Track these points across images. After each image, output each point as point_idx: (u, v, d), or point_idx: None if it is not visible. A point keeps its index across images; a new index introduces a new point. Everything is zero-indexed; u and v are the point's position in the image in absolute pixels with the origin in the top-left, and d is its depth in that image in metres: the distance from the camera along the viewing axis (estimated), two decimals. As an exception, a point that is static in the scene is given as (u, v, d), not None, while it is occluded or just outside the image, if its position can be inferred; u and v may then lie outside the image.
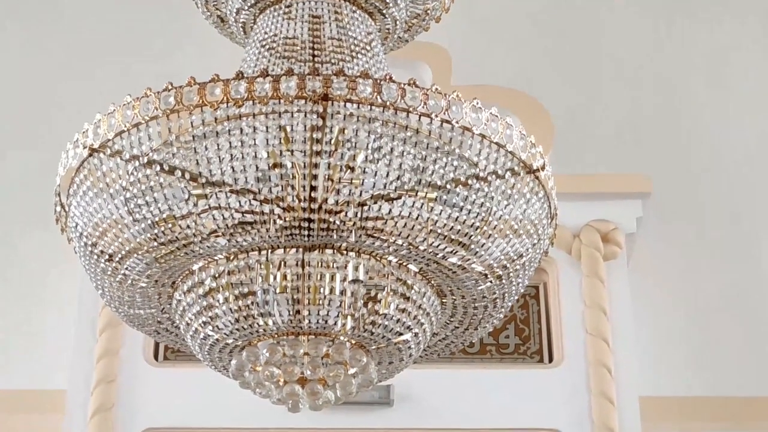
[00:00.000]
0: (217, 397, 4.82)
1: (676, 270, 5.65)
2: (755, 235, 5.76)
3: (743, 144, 5.92)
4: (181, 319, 2.42)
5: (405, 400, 4.83)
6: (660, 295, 5.56)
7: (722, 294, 5.61)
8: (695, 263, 5.65)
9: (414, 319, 2.37)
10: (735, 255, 5.69)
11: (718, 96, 5.99)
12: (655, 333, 5.45)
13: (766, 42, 6.12)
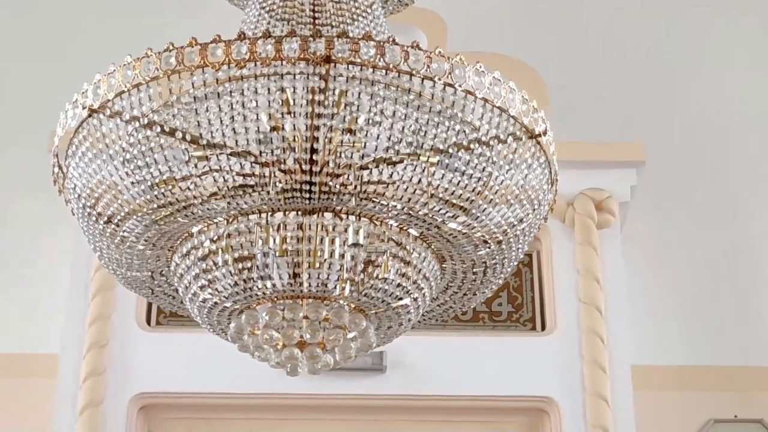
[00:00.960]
0: (209, 363, 4.84)
1: (669, 239, 5.65)
2: (748, 204, 5.76)
3: (738, 114, 5.92)
4: (179, 282, 2.40)
5: (398, 367, 4.84)
6: (653, 263, 5.57)
7: (715, 263, 5.62)
8: (688, 232, 5.66)
9: (414, 284, 2.35)
10: (728, 224, 5.71)
11: (713, 66, 5.98)
12: (648, 302, 5.46)
13: (759, 11, 6.09)
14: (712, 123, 5.90)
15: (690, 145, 5.83)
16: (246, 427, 4.89)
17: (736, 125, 5.89)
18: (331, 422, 4.90)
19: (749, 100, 5.95)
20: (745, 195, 5.79)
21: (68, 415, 4.73)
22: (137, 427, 4.80)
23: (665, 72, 5.97)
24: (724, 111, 5.92)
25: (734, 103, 5.94)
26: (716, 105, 5.93)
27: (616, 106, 5.84)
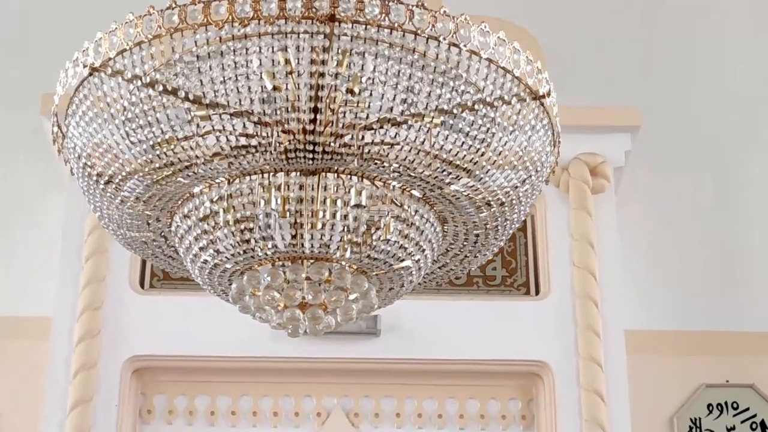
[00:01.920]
0: (203, 326, 4.83)
1: (663, 204, 5.66)
2: (741, 170, 5.77)
3: (732, 80, 5.91)
4: (180, 243, 2.39)
5: (392, 331, 4.84)
6: (647, 229, 5.58)
7: (708, 229, 5.63)
8: (682, 197, 5.67)
9: (416, 246, 2.35)
10: (721, 190, 5.71)
11: (708, 32, 5.97)
12: (642, 267, 5.47)
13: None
14: (705, 89, 5.90)
15: (684, 110, 5.83)
16: (240, 390, 4.89)
17: (729, 91, 5.89)
18: (325, 385, 4.90)
19: (742, 68, 5.94)
20: (738, 161, 5.79)
21: (62, 378, 4.72)
22: (131, 389, 4.80)
23: (660, 38, 5.96)
24: (718, 77, 5.92)
25: (728, 70, 5.94)
26: (710, 71, 5.93)
27: (611, 72, 5.82)
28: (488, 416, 4.89)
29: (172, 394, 4.89)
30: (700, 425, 5.26)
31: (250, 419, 4.87)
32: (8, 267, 5.37)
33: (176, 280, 5.01)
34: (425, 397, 4.91)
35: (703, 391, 5.31)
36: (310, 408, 4.90)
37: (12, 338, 5.14)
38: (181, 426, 4.85)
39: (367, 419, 4.89)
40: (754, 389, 5.32)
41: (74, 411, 4.64)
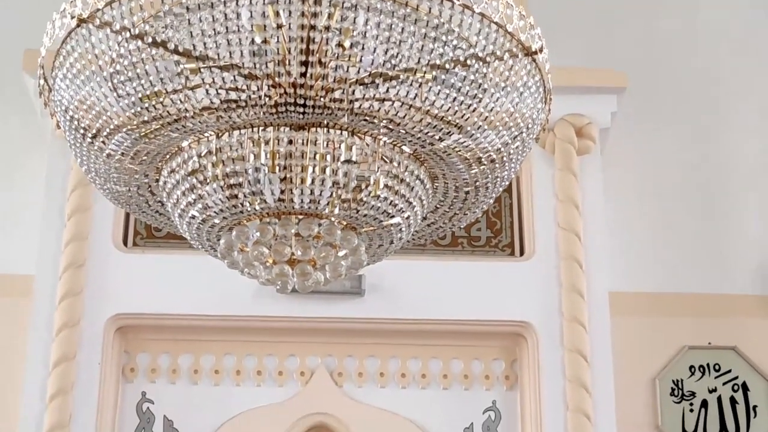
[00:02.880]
0: (186, 284, 4.82)
1: (648, 166, 5.66)
2: (726, 135, 5.77)
3: (717, 42, 5.90)
4: (168, 198, 2.37)
5: (376, 291, 4.83)
6: (632, 190, 5.58)
7: (692, 191, 5.64)
8: (667, 159, 5.67)
9: (406, 202, 2.33)
10: (706, 153, 5.72)
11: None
12: (626, 228, 5.48)
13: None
14: (689, 52, 5.89)
15: (669, 73, 5.82)
16: (223, 349, 4.88)
17: (712, 55, 5.88)
18: (309, 345, 4.90)
19: (725, 29, 5.93)
20: (723, 126, 5.79)
21: (44, 336, 4.70)
22: (114, 347, 4.78)
23: (646, 1, 5.94)
24: (701, 40, 5.91)
25: (710, 32, 5.92)
26: (694, 34, 5.92)
27: (599, 32, 5.81)
28: (472, 376, 4.90)
29: (155, 353, 4.88)
30: (682, 386, 5.28)
31: (233, 378, 4.86)
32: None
33: (159, 239, 5.00)
34: (409, 357, 4.92)
35: (685, 352, 5.33)
36: (293, 367, 4.89)
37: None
38: (164, 384, 4.84)
39: (350, 379, 4.89)
40: (736, 351, 5.34)
41: (57, 368, 4.63)
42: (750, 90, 5.86)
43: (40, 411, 4.59)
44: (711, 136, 5.76)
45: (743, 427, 5.24)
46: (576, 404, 4.68)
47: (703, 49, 5.90)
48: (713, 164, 5.71)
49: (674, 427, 5.22)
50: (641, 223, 5.56)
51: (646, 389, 5.26)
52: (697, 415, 5.25)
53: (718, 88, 5.84)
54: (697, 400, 5.27)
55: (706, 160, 5.71)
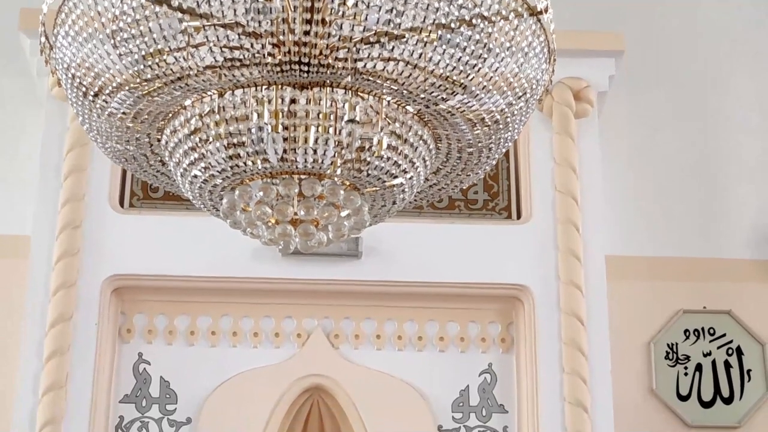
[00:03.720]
0: (183, 246, 4.82)
1: (646, 130, 5.66)
2: (722, 98, 5.77)
3: (716, 7, 5.88)
4: (170, 158, 2.35)
5: (373, 253, 4.83)
6: (629, 154, 5.59)
7: (689, 155, 5.64)
8: (664, 123, 5.67)
9: (409, 163, 2.32)
10: (703, 117, 5.72)
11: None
12: (623, 192, 5.48)
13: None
14: (689, 15, 5.87)
15: (667, 36, 5.80)
16: (220, 310, 4.88)
17: (711, 19, 5.87)
18: (306, 307, 4.90)
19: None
20: (720, 89, 5.79)
21: (41, 296, 4.70)
22: (110, 308, 4.78)
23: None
24: (701, 4, 5.89)
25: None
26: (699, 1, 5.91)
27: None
28: (468, 339, 4.91)
29: (152, 314, 4.88)
30: (677, 350, 5.30)
31: (230, 339, 4.87)
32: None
33: (156, 200, 4.99)
34: (405, 320, 4.92)
35: (680, 316, 5.35)
36: (290, 329, 4.90)
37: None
38: (160, 345, 4.85)
39: (347, 341, 4.89)
40: (731, 315, 5.36)
41: (54, 329, 4.63)
42: (746, 53, 5.84)
43: (37, 371, 4.59)
44: (708, 101, 5.76)
45: (737, 391, 5.26)
46: (572, 367, 4.69)
47: (702, 13, 5.88)
48: (710, 129, 5.71)
49: (668, 391, 5.24)
50: (638, 187, 5.56)
51: (640, 353, 5.29)
52: (691, 378, 5.27)
53: (716, 52, 5.83)
54: (691, 364, 5.30)
55: (703, 124, 5.71)
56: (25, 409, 4.57)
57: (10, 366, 4.74)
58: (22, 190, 5.13)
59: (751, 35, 5.86)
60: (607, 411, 4.70)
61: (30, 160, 5.09)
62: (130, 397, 4.78)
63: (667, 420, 5.20)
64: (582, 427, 4.63)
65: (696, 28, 5.85)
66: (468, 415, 4.81)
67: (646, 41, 5.70)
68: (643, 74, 5.66)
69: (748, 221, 5.53)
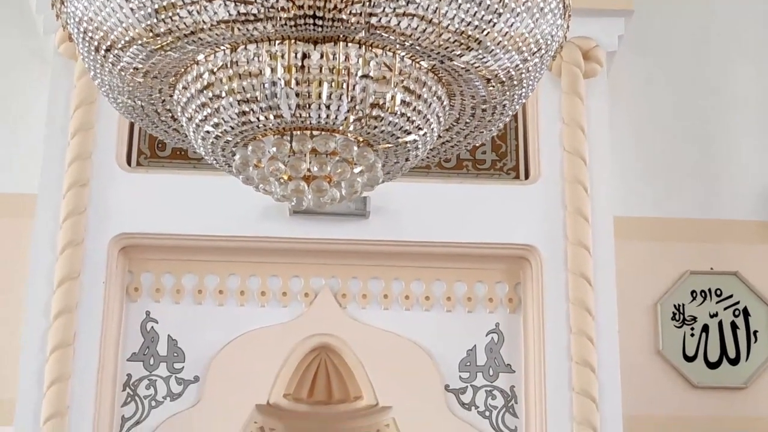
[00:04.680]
0: (190, 204, 4.82)
1: (654, 90, 5.63)
2: (731, 58, 5.74)
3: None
4: (182, 113, 2.34)
5: (381, 213, 4.82)
6: (638, 114, 5.56)
7: (698, 116, 5.62)
8: (673, 83, 5.64)
9: (423, 119, 2.31)
10: (713, 77, 5.69)
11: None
12: (631, 153, 5.46)
13: None
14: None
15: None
16: (227, 269, 4.88)
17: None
18: (313, 266, 4.89)
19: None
20: (729, 49, 5.76)
21: (48, 255, 4.70)
22: (117, 267, 4.77)
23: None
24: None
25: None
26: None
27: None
28: (475, 299, 4.91)
29: (159, 273, 4.87)
30: (684, 311, 5.31)
31: (237, 298, 4.87)
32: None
33: (164, 158, 4.98)
34: (413, 279, 4.92)
35: (687, 278, 5.34)
36: (297, 288, 4.90)
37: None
38: (168, 304, 4.84)
39: (354, 300, 4.89)
40: (738, 277, 5.36)
41: (61, 287, 4.63)
42: (755, 14, 5.81)
43: (45, 330, 4.60)
44: (717, 61, 5.72)
45: (743, 352, 5.27)
46: (579, 327, 4.70)
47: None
48: (717, 90, 5.68)
49: (675, 351, 5.25)
50: (645, 147, 5.54)
51: (647, 314, 5.29)
52: (697, 339, 5.28)
53: (725, 13, 5.79)
54: (698, 325, 5.30)
55: (709, 85, 5.69)
56: (33, 367, 4.57)
57: (18, 325, 4.74)
58: (28, 149, 5.12)
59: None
60: (613, 371, 4.71)
61: (36, 118, 5.07)
62: (137, 355, 4.78)
63: (673, 380, 5.21)
64: (588, 387, 4.64)
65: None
66: (475, 374, 4.82)
67: (656, 1, 5.65)
68: (652, 34, 5.63)
69: (756, 183, 5.51)
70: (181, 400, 4.74)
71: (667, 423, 5.14)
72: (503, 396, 4.81)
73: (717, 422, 5.15)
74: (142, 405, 4.72)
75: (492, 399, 4.79)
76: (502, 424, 4.77)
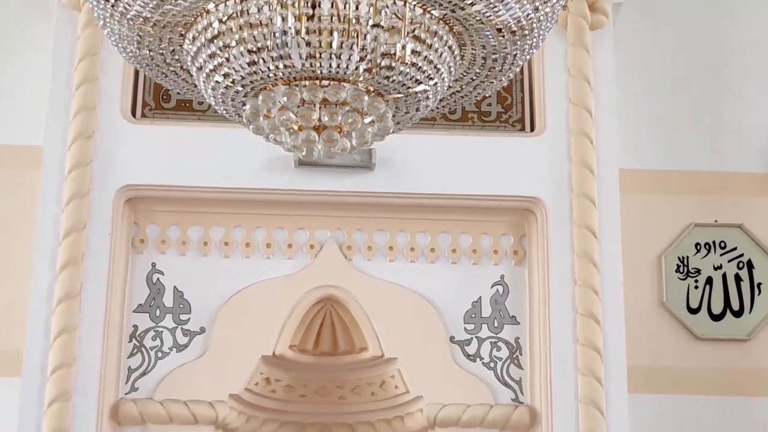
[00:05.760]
0: (196, 156, 4.82)
1: (659, 42, 5.61)
2: (739, 9, 5.71)
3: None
4: (192, 63, 2.33)
5: (386, 165, 4.82)
6: (644, 67, 5.54)
7: (703, 68, 5.60)
8: (679, 36, 5.62)
9: (434, 69, 2.30)
10: (719, 29, 5.66)
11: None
12: (636, 105, 5.44)
13: None
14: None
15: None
16: (233, 221, 4.88)
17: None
18: (319, 218, 4.90)
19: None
20: (733, 3, 5.73)
21: (54, 206, 4.70)
22: (123, 218, 4.78)
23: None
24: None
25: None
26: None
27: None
28: (480, 251, 4.92)
29: (165, 224, 4.88)
30: (688, 264, 5.32)
31: (242, 250, 4.87)
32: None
33: (168, 110, 4.97)
34: (418, 231, 4.92)
35: (691, 230, 5.35)
36: (303, 240, 4.90)
37: (2, 167, 5.11)
38: (173, 256, 4.85)
39: (359, 252, 4.90)
40: (742, 229, 5.36)
41: (67, 239, 4.64)
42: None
43: (51, 281, 4.61)
44: (722, 13, 5.69)
45: (747, 304, 5.29)
46: (584, 279, 4.71)
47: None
48: (724, 42, 5.66)
49: (679, 304, 5.27)
50: (651, 100, 5.53)
51: (651, 266, 5.30)
52: (701, 291, 5.29)
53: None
54: (702, 277, 5.31)
55: (716, 38, 5.66)
56: (40, 318, 4.59)
57: (24, 276, 4.75)
58: (33, 101, 5.10)
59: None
60: (618, 322, 4.72)
61: (41, 70, 5.05)
62: (143, 306, 4.80)
63: (677, 332, 5.23)
64: (593, 339, 4.66)
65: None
66: (480, 326, 4.84)
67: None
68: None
69: (762, 135, 5.50)
70: (187, 352, 4.76)
71: (670, 374, 5.17)
72: (508, 347, 4.83)
73: (720, 373, 5.18)
74: (148, 356, 4.74)
75: (497, 350, 4.81)
76: (507, 375, 4.79)
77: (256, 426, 4.82)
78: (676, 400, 5.12)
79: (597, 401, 4.60)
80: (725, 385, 5.15)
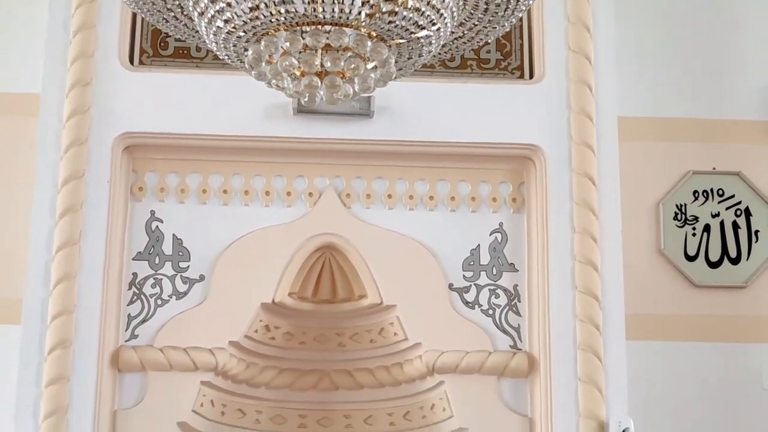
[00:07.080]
0: (194, 104, 4.80)
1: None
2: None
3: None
4: (194, 8, 2.32)
5: (385, 112, 4.81)
6: (643, 14, 5.51)
7: (703, 16, 5.57)
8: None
9: (437, 13, 2.29)
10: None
11: None
12: (635, 53, 5.42)
13: None
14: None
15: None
16: (232, 169, 4.88)
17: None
18: (317, 166, 4.90)
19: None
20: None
21: (52, 154, 4.69)
22: (122, 166, 4.77)
23: None
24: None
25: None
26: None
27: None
28: (479, 198, 4.92)
29: (164, 172, 4.88)
30: (686, 211, 5.32)
31: (241, 198, 4.87)
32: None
33: (166, 57, 4.95)
34: (417, 179, 4.92)
35: (689, 177, 5.35)
36: (302, 188, 4.91)
37: (1, 114, 5.09)
38: (172, 204, 4.85)
39: (358, 200, 4.91)
40: (740, 177, 5.36)
41: (66, 186, 4.64)
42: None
43: (51, 229, 4.62)
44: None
45: (744, 252, 5.30)
46: (583, 226, 4.72)
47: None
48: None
49: (676, 251, 5.28)
50: (649, 47, 5.50)
51: (650, 213, 5.30)
52: (699, 239, 5.30)
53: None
54: (699, 225, 5.32)
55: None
56: (39, 266, 4.60)
57: (23, 224, 4.75)
58: (31, 48, 5.07)
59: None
60: (616, 270, 4.74)
61: (38, 17, 5.01)
62: (143, 254, 4.80)
63: (675, 279, 5.25)
64: (591, 286, 4.68)
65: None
66: (479, 273, 4.85)
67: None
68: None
69: (761, 83, 5.49)
70: (186, 299, 4.78)
71: (667, 321, 5.19)
72: (506, 295, 4.85)
73: (717, 321, 5.20)
74: (147, 303, 4.76)
75: (495, 298, 4.83)
76: (506, 322, 4.82)
77: (256, 373, 4.84)
78: (673, 346, 5.15)
79: (595, 348, 4.63)
80: (722, 332, 5.18)
